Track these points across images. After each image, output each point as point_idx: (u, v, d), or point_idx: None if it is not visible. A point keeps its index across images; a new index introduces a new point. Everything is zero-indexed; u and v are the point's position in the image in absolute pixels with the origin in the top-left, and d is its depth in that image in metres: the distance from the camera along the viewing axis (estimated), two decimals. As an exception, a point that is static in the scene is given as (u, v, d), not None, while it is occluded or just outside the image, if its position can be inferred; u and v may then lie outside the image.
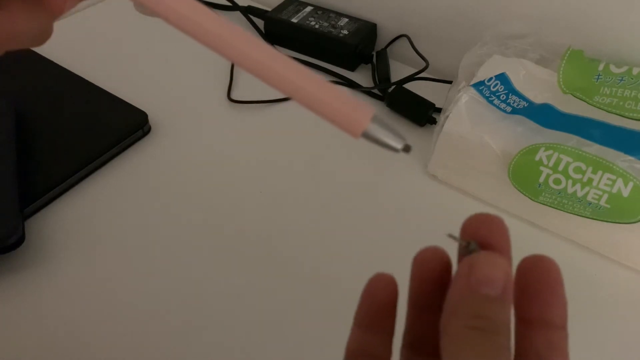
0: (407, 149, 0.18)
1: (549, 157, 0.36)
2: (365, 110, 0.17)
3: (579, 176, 0.35)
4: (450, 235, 0.17)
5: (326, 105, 0.17)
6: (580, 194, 0.36)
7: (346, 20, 0.56)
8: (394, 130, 0.18)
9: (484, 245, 0.17)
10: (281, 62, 0.17)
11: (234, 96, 0.50)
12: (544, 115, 0.38)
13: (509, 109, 0.40)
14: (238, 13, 0.60)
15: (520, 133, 0.38)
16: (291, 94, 0.17)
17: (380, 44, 0.57)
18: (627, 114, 0.37)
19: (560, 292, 0.17)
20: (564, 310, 0.17)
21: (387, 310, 0.19)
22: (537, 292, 0.17)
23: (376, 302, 0.19)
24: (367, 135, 0.17)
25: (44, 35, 0.19)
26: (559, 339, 0.17)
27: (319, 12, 0.57)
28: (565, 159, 0.36)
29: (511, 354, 0.15)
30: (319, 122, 0.18)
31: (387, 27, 0.57)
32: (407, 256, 0.20)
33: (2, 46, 0.18)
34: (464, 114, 0.40)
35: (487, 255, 0.16)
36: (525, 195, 0.38)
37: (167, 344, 0.33)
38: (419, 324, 0.19)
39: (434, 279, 0.18)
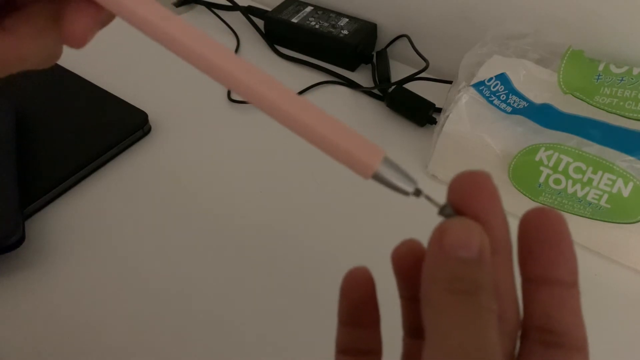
0: (417, 193, 0.17)
1: (549, 157, 0.36)
2: (375, 151, 0.17)
3: (579, 176, 0.35)
4: (427, 197, 0.17)
5: (334, 146, 0.16)
6: (580, 194, 0.36)
7: (346, 20, 0.56)
8: (405, 173, 0.17)
9: (470, 208, 0.16)
10: (285, 98, 0.16)
11: (234, 96, 0.50)
12: (544, 116, 0.38)
13: (509, 109, 0.40)
14: (238, 13, 0.60)
15: (521, 133, 0.38)
16: (296, 132, 0.17)
17: (380, 44, 0.57)
18: (627, 114, 0.37)
19: (569, 247, 0.15)
20: (574, 266, 0.15)
21: (367, 305, 0.19)
22: (542, 247, 0.15)
23: (354, 299, 0.19)
24: (377, 178, 0.17)
25: (52, 58, 0.19)
26: (569, 296, 0.15)
27: (319, 12, 0.57)
28: (566, 159, 0.36)
29: (496, 316, 0.14)
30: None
31: (387, 27, 0.57)
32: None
33: (9, 68, 0.18)
34: (464, 114, 0.40)
35: (458, 220, 0.15)
36: (525, 195, 0.38)
37: (167, 343, 0.33)
38: (413, 313, 0.19)
39: (414, 271, 0.17)
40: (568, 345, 0.15)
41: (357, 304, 0.19)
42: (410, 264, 0.18)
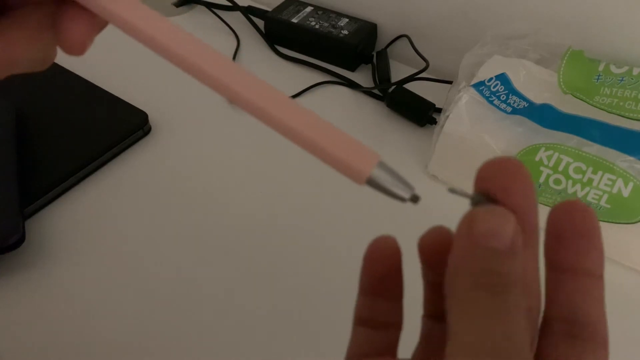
0: (415, 199, 0.17)
1: (549, 157, 0.36)
2: (368, 156, 0.16)
3: (579, 176, 0.35)
4: (451, 190, 0.16)
5: (324, 152, 0.16)
6: (580, 194, 0.36)
7: (346, 20, 0.56)
8: (401, 179, 0.16)
9: (503, 197, 0.15)
10: (274, 103, 0.16)
11: (234, 96, 0.50)
12: (544, 116, 0.38)
13: (509, 109, 0.40)
14: (238, 13, 0.60)
15: (521, 133, 0.38)
16: (286, 137, 0.16)
17: (380, 44, 0.57)
18: (627, 114, 0.37)
19: (598, 239, 0.15)
20: (602, 258, 0.15)
21: (392, 276, 0.18)
22: (573, 238, 0.15)
23: (379, 268, 0.18)
24: (371, 184, 0.16)
25: (45, 61, 0.19)
26: (595, 287, 0.15)
27: (319, 12, 0.57)
28: (566, 159, 0.36)
29: (524, 312, 0.14)
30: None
31: (387, 27, 0.57)
32: (407, 256, 0.19)
33: (1, 72, 0.17)
34: (464, 114, 0.40)
35: (489, 208, 0.14)
36: (525, 195, 0.38)
37: (168, 343, 0.33)
38: (436, 297, 0.18)
39: (440, 259, 0.17)
40: (593, 338, 0.15)
41: (383, 273, 0.18)
42: (437, 251, 0.17)
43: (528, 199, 0.15)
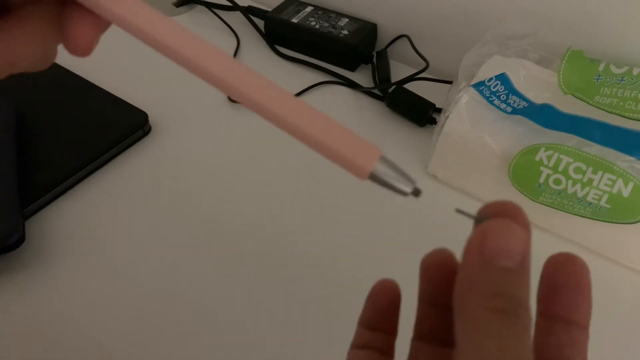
0: (416, 192, 0.17)
1: (549, 158, 0.36)
2: (370, 151, 0.16)
3: (579, 176, 0.35)
4: (458, 210, 0.17)
5: (326, 148, 0.16)
6: (580, 194, 0.36)
7: (346, 20, 0.56)
8: (403, 173, 0.17)
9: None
10: (277, 99, 0.16)
11: (234, 96, 0.50)
12: (544, 116, 0.38)
13: (509, 109, 0.40)
14: (238, 13, 0.60)
15: (521, 133, 0.38)
16: (289, 133, 0.16)
17: (380, 44, 0.57)
18: (627, 114, 0.37)
19: (589, 294, 0.16)
20: (589, 311, 0.17)
21: (390, 314, 0.20)
22: (566, 291, 0.16)
23: (380, 306, 0.20)
24: (373, 178, 0.16)
25: (45, 61, 0.19)
26: (581, 339, 0.16)
27: (319, 12, 0.57)
28: (566, 159, 0.36)
29: (531, 331, 0.14)
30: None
31: (387, 27, 0.57)
32: (408, 256, 0.20)
33: (2, 71, 0.17)
34: (464, 114, 0.40)
35: (501, 222, 0.15)
36: (525, 195, 0.38)
37: (167, 343, 0.33)
38: (429, 318, 0.19)
39: (442, 280, 0.18)
40: None
41: (383, 310, 0.20)
42: (439, 273, 0.18)
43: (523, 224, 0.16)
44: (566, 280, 0.16)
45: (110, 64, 0.53)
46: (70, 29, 0.17)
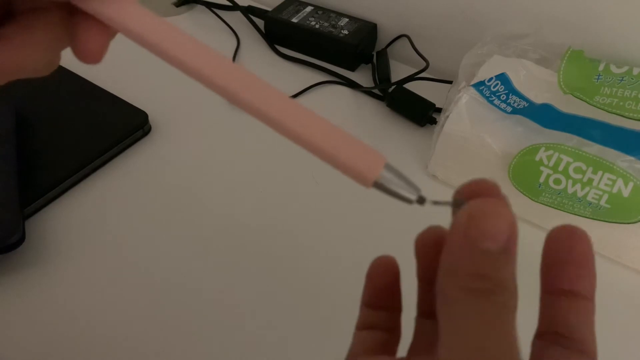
0: (421, 200, 0.17)
1: (549, 157, 0.36)
2: (375, 159, 0.16)
3: (579, 176, 0.35)
4: (435, 202, 0.17)
5: (331, 157, 0.16)
6: (580, 194, 0.36)
7: (346, 20, 0.56)
8: (407, 180, 0.16)
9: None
10: (276, 105, 0.16)
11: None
12: (544, 116, 0.38)
13: (509, 109, 0.40)
14: (238, 13, 0.60)
15: (521, 133, 0.38)
16: (292, 141, 0.16)
17: (380, 44, 0.57)
18: (627, 114, 0.37)
19: (592, 265, 0.16)
20: (594, 282, 0.16)
21: (391, 290, 0.20)
22: (570, 265, 0.16)
23: (379, 284, 0.20)
24: (378, 187, 0.16)
25: (50, 66, 0.19)
26: (587, 310, 0.16)
27: (319, 12, 0.57)
28: (566, 159, 0.36)
29: (516, 312, 0.14)
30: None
31: (387, 27, 0.57)
32: (408, 256, 0.20)
33: (6, 77, 0.17)
34: (464, 114, 0.40)
35: (487, 203, 0.14)
36: (525, 195, 0.38)
37: (169, 341, 0.33)
38: (428, 295, 0.19)
39: (436, 258, 0.17)
40: (584, 352, 0.16)
41: (382, 287, 0.19)
42: (432, 250, 0.18)
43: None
44: (568, 253, 0.16)
45: (110, 64, 0.53)
46: (80, 37, 0.17)
